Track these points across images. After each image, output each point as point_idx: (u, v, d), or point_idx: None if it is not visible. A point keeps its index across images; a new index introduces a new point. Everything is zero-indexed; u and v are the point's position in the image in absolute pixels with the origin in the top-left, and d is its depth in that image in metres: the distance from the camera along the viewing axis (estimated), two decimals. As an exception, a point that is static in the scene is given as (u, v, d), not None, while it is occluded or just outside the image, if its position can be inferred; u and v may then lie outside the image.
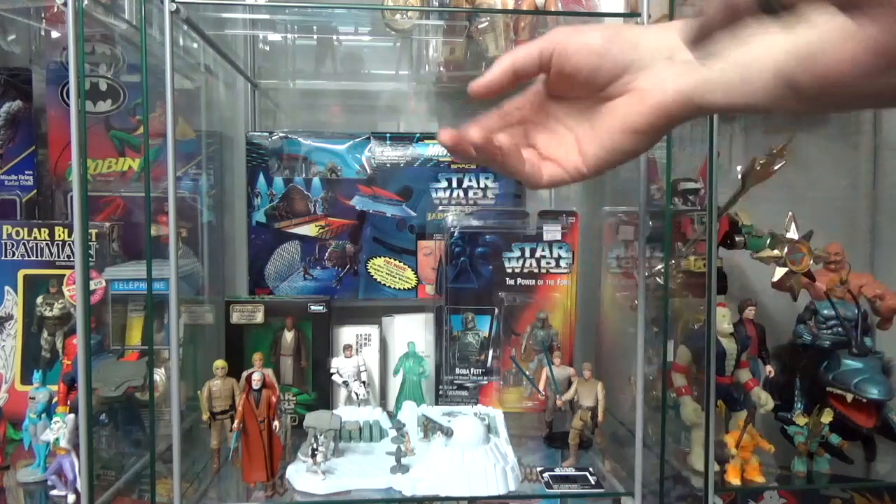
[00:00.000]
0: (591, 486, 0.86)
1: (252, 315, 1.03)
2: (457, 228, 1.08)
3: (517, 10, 0.97)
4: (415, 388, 1.07)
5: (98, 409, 0.90)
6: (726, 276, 1.04)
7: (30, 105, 1.10)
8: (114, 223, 1.03)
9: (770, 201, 1.03)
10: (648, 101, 0.45)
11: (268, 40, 1.23)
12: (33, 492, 0.85)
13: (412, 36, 1.12)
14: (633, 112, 0.46)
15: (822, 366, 0.97)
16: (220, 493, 0.85)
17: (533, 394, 1.05)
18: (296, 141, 1.13)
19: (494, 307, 1.08)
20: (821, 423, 0.92)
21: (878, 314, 1.06)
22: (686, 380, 0.95)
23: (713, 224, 0.83)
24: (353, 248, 1.14)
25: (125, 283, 0.98)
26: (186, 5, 0.77)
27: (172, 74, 0.75)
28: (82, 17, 0.72)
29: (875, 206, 1.29)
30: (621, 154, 0.48)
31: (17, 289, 1.01)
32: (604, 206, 1.16)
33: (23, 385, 0.99)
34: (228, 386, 0.87)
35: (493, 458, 0.85)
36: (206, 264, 1.13)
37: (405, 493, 0.82)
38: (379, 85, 1.27)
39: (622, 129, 0.47)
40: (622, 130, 0.47)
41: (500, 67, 0.49)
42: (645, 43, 0.46)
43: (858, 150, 1.32)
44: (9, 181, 1.09)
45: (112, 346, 0.99)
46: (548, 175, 0.51)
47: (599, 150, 0.49)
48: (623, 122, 0.47)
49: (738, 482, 0.87)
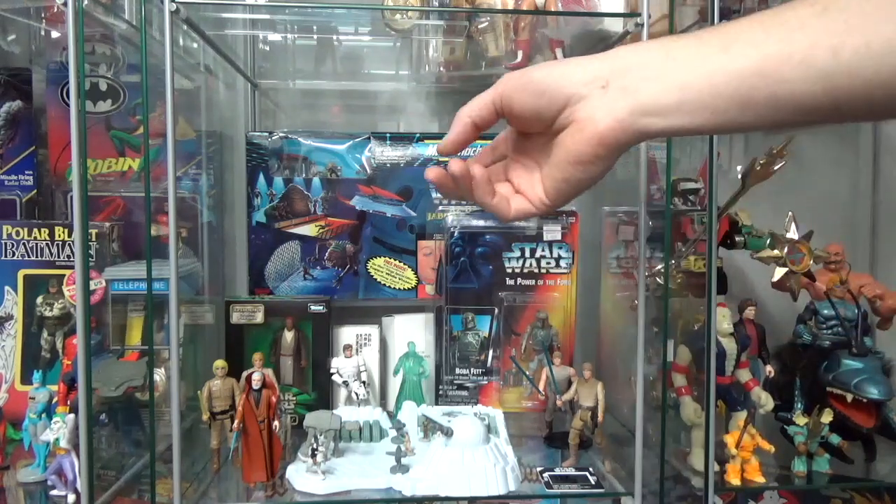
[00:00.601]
0: (591, 486, 0.86)
1: (252, 315, 1.03)
2: (457, 228, 1.08)
3: (517, 10, 0.97)
4: (415, 388, 1.07)
5: (98, 409, 0.90)
6: (726, 276, 1.04)
7: (30, 105, 1.10)
8: (114, 223, 1.03)
9: (770, 201, 1.03)
10: (586, 133, 0.46)
11: (268, 40, 1.23)
12: (33, 492, 0.85)
13: (412, 36, 1.12)
14: (574, 143, 0.47)
15: (822, 366, 0.97)
16: (220, 493, 0.85)
17: (533, 394, 1.05)
18: (296, 141, 1.13)
19: (494, 307, 1.08)
20: (821, 423, 0.92)
21: (878, 314, 1.06)
22: (686, 380, 0.95)
23: (713, 224, 0.83)
24: (353, 248, 1.14)
25: (125, 283, 0.98)
26: (186, 5, 0.77)
27: (172, 74, 0.75)
28: (82, 17, 0.72)
29: (875, 206, 1.29)
30: (576, 184, 0.50)
31: (17, 289, 1.01)
32: (604, 206, 1.16)
33: (23, 385, 0.99)
34: (228, 386, 0.87)
35: (493, 458, 0.85)
36: (206, 264, 1.13)
37: (405, 493, 0.82)
38: (379, 85, 1.27)
39: (568, 160, 0.48)
40: (569, 162, 0.48)
41: (459, 123, 0.51)
42: (580, 75, 0.46)
43: (858, 151, 1.32)
44: (9, 181, 1.09)
45: (112, 346, 0.99)
46: (515, 208, 0.54)
47: (556, 182, 0.51)
48: (568, 154, 0.48)
49: (738, 482, 0.87)
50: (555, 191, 0.51)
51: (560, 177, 0.50)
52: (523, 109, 0.49)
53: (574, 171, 0.49)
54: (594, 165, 0.48)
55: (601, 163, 0.48)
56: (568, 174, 0.49)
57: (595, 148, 0.46)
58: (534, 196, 0.53)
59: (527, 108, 0.49)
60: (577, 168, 0.48)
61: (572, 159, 0.48)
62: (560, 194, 0.51)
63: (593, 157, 0.47)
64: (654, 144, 0.91)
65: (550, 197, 0.52)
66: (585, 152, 0.47)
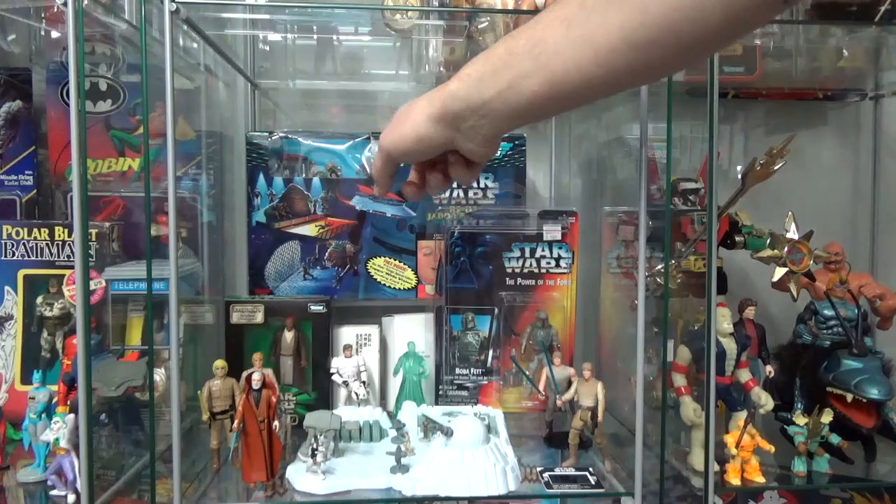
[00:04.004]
0: (591, 486, 0.86)
1: (252, 315, 1.03)
2: (457, 228, 1.08)
3: (517, 10, 0.97)
4: (415, 388, 1.07)
5: (98, 409, 0.90)
6: (726, 276, 1.04)
7: (30, 105, 1.10)
8: (114, 223, 1.03)
9: (770, 201, 1.03)
10: (409, 136, 0.55)
11: (268, 40, 1.23)
12: (33, 492, 0.85)
13: (412, 36, 1.12)
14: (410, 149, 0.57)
15: (822, 366, 0.97)
16: (220, 493, 0.85)
17: (533, 394, 1.05)
18: (296, 141, 1.13)
19: (494, 307, 1.08)
20: (821, 423, 0.92)
21: (878, 314, 1.06)
22: (686, 380, 0.95)
23: (713, 224, 0.83)
24: (353, 248, 1.14)
25: (125, 283, 0.98)
26: (186, 5, 0.77)
27: (172, 74, 0.75)
28: (82, 17, 0.72)
29: (875, 206, 1.29)
30: (432, 186, 0.60)
31: (17, 289, 1.01)
32: (604, 206, 1.16)
33: (23, 385, 0.99)
34: (228, 386, 0.87)
35: (493, 458, 0.85)
36: (206, 264, 1.13)
37: (405, 493, 0.82)
38: (379, 85, 1.27)
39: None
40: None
41: (382, 179, 0.60)
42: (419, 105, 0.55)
43: (858, 151, 1.32)
44: (9, 181, 1.09)
45: (112, 346, 0.99)
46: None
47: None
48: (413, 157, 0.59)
49: (738, 482, 0.87)
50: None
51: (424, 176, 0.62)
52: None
53: (423, 169, 0.61)
54: (429, 165, 0.60)
55: (431, 154, 0.57)
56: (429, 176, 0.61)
57: (415, 146, 0.56)
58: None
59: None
60: (422, 166, 0.61)
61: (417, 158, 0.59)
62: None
63: (416, 154, 0.57)
64: (655, 144, 0.91)
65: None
66: (409, 150, 0.57)
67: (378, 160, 0.59)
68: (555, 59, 0.46)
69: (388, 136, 0.57)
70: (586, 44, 0.44)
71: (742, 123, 1.31)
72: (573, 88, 0.46)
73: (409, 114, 0.55)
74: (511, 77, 0.48)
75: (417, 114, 0.54)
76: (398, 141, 0.56)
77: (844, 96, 1.26)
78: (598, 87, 0.46)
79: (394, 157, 0.57)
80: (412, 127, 0.54)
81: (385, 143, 0.57)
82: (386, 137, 0.57)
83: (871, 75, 1.25)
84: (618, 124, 1.17)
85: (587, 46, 0.44)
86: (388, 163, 0.59)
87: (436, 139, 0.54)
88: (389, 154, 0.57)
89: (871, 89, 1.27)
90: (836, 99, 1.27)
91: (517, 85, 0.48)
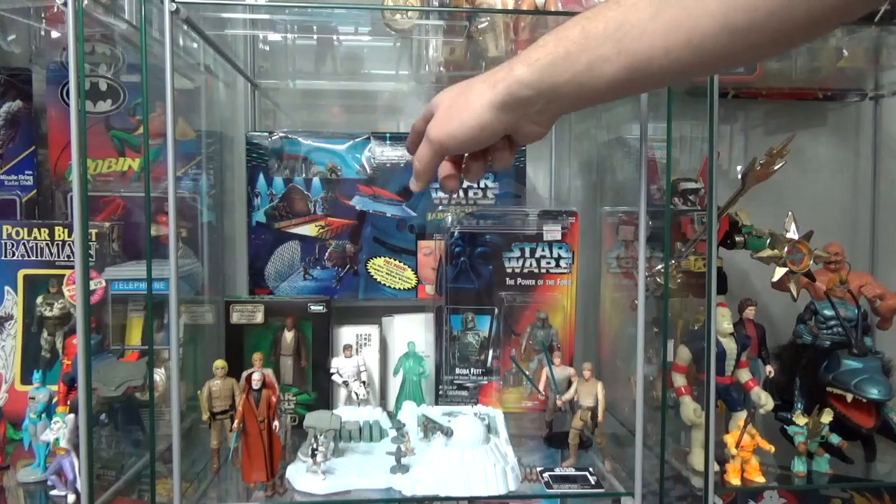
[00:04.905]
0: (591, 486, 0.86)
1: (252, 315, 1.03)
2: (457, 228, 1.08)
3: (517, 10, 0.97)
4: (415, 388, 1.07)
5: (98, 409, 0.90)
6: (726, 276, 1.04)
7: (30, 105, 1.10)
8: (114, 223, 1.03)
9: (770, 201, 1.03)
10: (471, 126, 0.53)
11: (268, 40, 1.23)
12: (33, 492, 0.85)
13: (412, 36, 1.12)
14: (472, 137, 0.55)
15: (822, 366, 0.97)
16: (220, 493, 0.85)
17: (533, 394, 1.05)
18: (296, 141, 1.13)
19: (494, 307, 1.08)
20: (821, 423, 0.92)
21: (878, 314, 1.06)
22: (686, 380, 0.95)
23: (713, 224, 0.83)
24: (353, 248, 1.14)
25: (125, 283, 0.98)
26: (186, 5, 0.77)
27: (172, 74, 0.75)
28: (82, 17, 0.72)
29: (875, 206, 1.29)
30: (474, 173, 0.59)
31: (17, 289, 1.01)
32: (604, 206, 1.16)
33: (23, 385, 0.99)
34: (228, 386, 0.87)
35: (493, 458, 0.85)
36: (206, 264, 1.13)
37: (405, 493, 0.82)
38: (379, 85, 1.27)
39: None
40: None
41: (428, 173, 0.59)
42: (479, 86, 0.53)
43: (858, 151, 1.32)
44: (9, 181, 1.09)
45: (112, 346, 0.99)
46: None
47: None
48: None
49: (738, 482, 0.87)
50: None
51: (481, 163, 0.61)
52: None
53: (483, 154, 0.59)
54: (496, 148, 0.57)
55: (498, 137, 0.55)
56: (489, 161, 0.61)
57: (475, 133, 0.54)
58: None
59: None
60: (485, 152, 0.59)
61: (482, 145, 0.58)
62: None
63: (486, 137, 0.55)
64: (655, 144, 0.91)
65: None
66: (472, 138, 0.56)
67: (426, 153, 0.56)
68: (639, 42, 0.44)
69: (443, 128, 0.54)
70: (678, 28, 0.42)
71: (742, 123, 1.31)
72: (654, 72, 0.45)
73: (466, 103, 0.52)
74: (588, 60, 0.46)
75: (477, 102, 0.51)
76: (458, 131, 0.53)
77: (844, 96, 1.26)
78: (679, 72, 0.45)
79: (450, 148, 0.55)
80: (473, 116, 0.52)
81: (439, 135, 0.54)
82: (440, 129, 0.54)
83: (871, 75, 1.25)
84: (618, 124, 1.17)
85: (678, 30, 0.42)
86: (439, 155, 0.56)
87: (499, 127, 0.52)
88: (444, 146, 0.54)
89: (870, 89, 1.27)
90: (836, 99, 1.27)
91: (595, 68, 0.46)
